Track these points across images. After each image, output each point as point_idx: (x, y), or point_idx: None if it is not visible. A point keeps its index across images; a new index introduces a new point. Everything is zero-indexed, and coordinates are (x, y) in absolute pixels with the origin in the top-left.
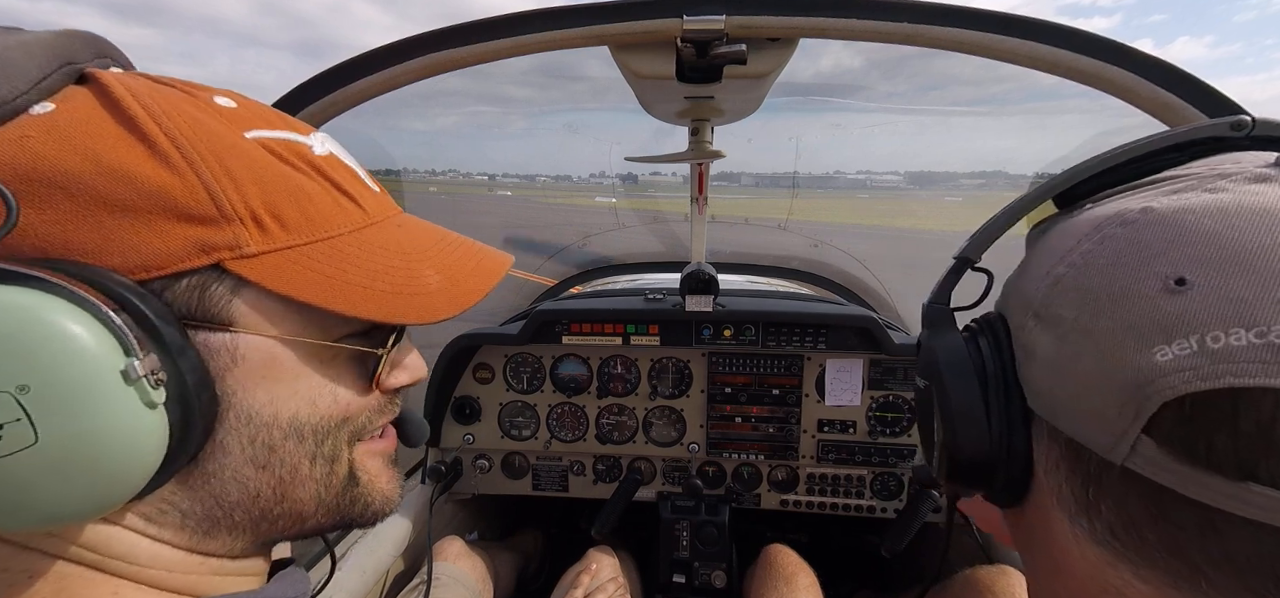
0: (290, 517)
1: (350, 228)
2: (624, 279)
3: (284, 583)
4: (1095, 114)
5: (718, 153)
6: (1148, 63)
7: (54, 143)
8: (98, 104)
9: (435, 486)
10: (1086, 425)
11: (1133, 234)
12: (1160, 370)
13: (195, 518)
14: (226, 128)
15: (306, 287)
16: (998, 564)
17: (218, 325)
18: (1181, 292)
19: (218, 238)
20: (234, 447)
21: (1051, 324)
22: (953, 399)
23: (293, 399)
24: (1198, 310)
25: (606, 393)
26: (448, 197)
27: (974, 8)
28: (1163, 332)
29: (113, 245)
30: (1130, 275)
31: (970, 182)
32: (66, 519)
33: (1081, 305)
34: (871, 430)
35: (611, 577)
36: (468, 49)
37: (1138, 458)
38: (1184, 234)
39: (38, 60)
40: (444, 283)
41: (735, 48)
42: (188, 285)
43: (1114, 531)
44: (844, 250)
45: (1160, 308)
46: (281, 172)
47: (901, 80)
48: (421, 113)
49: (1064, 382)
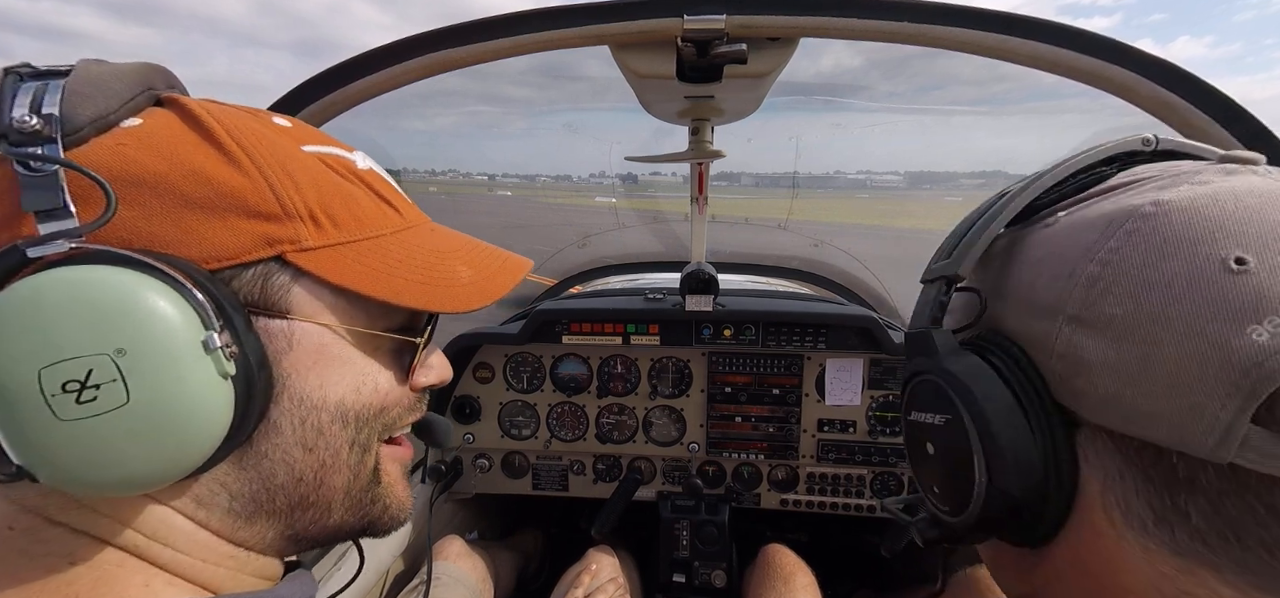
0: (321, 506)
1: (391, 229)
2: (624, 279)
3: (294, 584)
4: (1095, 114)
5: (718, 153)
6: (1148, 62)
7: (144, 150)
8: (178, 119)
9: (435, 485)
10: (1178, 424)
11: (1163, 225)
12: (1266, 351)
13: (242, 501)
14: (287, 140)
15: (356, 277)
16: None
17: (277, 313)
18: (1245, 270)
19: (280, 233)
20: (286, 427)
21: (1100, 326)
22: (995, 429)
23: (340, 385)
24: (1271, 286)
25: (606, 393)
26: (448, 196)
27: (974, 8)
28: (1249, 312)
29: (190, 238)
30: (1185, 261)
31: (970, 181)
32: (140, 484)
33: (1137, 299)
34: (871, 430)
35: (611, 577)
36: (468, 49)
37: (1249, 451)
38: (1217, 218)
39: (128, 84)
40: (474, 277)
41: (735, 47)
42: (253, 275)
43: (1204, 537)
44: (844, 250)
45: (1230, 288)
46: (333, 179)
47: (902, 80)
48: (421, 113)
49: (1140, 382)
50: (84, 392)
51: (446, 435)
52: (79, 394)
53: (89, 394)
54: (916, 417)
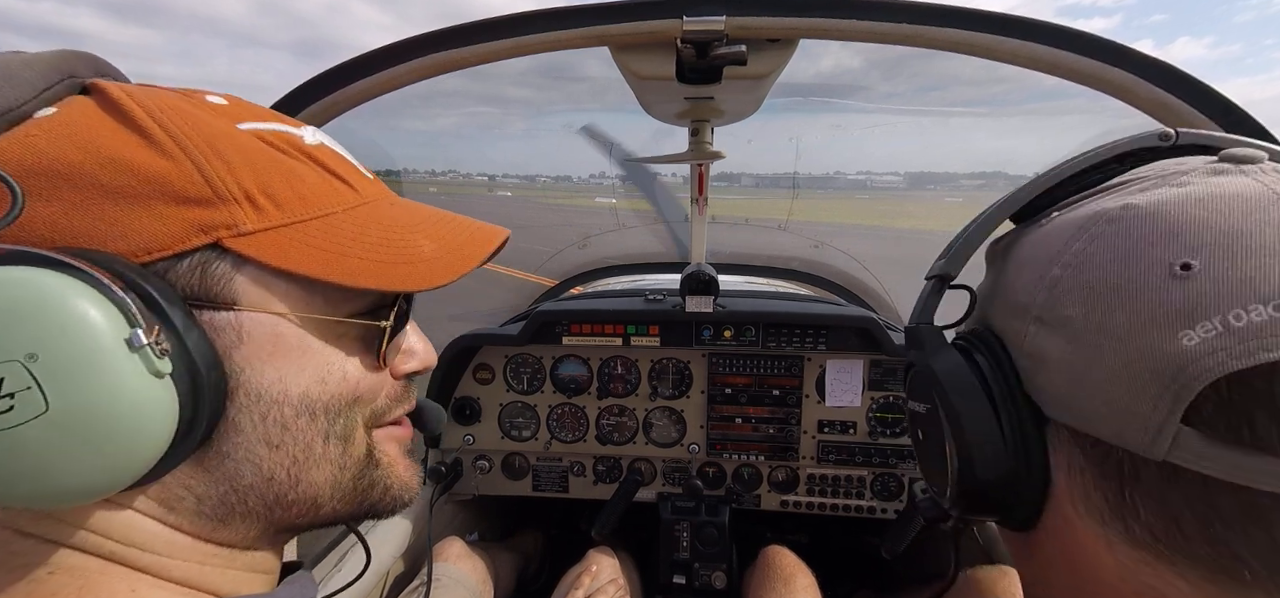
0: (305, 502)
1: (343, 207)
2: (624, 280)
3: (294, 587)
4: (1095, 114)
5: (718, 153)
6: (1147, 64)
7: (56, 139)
8: (96, 106)
9: (435, 486)
10: (1119, 424)
11: (1124, 229)
12: (1192, 356)
13: (210, 503)
14: (219, 119)
15: (303, 260)
16: (999, 565)
17: (221, 304)
18: (1188, 276)
19: (214, 218)
20: (246, 425)
21: (1059, 326)
22: (964, 420)
23: (301, 376)
24: (1211, 292)
25: (607, 394)
26: (448, 197)
27: (974, 8)
28: (1183, 317)
29: (115, 231)
30: (1133, 266)
31: (970, 182)
32: (80, 495)
33: (1090, 302)
34: (872, 431)
35: (612, 578)
36: (468, 49)
37: (1180, 450)
38: (1174, 223)
39: (41, 73)
40: (439, 251)
41: (735, 48)
42: (189, 266)
43: (1154, 531)
44: (844, 251)
45: (1172, 294)
46: (273, 156)
47: (901, 80)
48: (421, 113)
49: (1087, 382)
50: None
51: (438, 421)
52: None
53: (4, 403)
54: (911, 405)
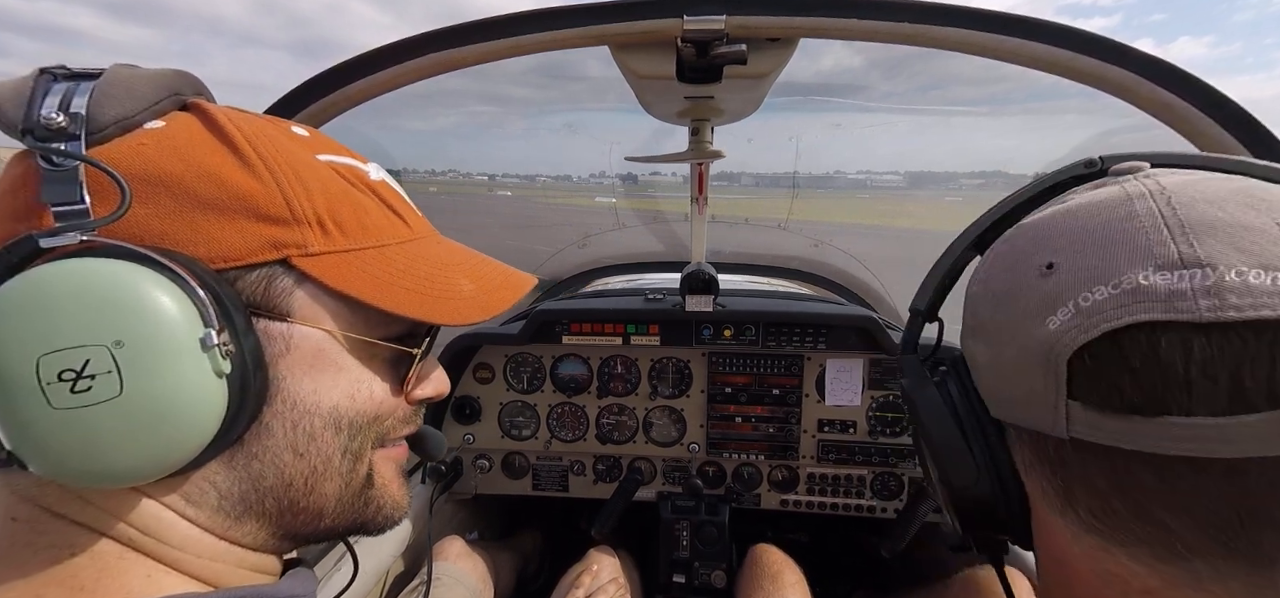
0: (312, 512)
1: (398, 240)
2: (624, 279)
3: (295, 581)
4: (1095, 114)
5: (718, 153)
6: (1148, 62)
7: (163, 150)
8: (199, 124)
9: (435, 486)
10: (1030, 410)
11: (1010, 244)
12: (1054, 336)
13: (231, 501)
14: (302, 148)
15: (359, 285)
16: None
17: (278, 315)
18: (1052, 273)
19: (287, 237)
20: (278, 430)
21: (980, 333)
22: (934, 438)
23: (334, 391)
24: (1067, 282)
25: (607, 393)
26: (448, 197)
27: (974, 8)
28: (1048, 305)
29: (199, 237)
30: (1014, 273)
31: (970, 181)
32: (124, 477)
33: (992, 307)
34: (872, 430)
35: (612, 577)
36: (468, 49)
37: (1076, 424)
38: (1045, 233)
39: (154, 88)
40: (476, 291)
41: (735, 48)
42: (257, 277)
43: (1093, 512)
44: (844, 250)
45: (1040, 289)
46: (344, 187)
47: (901, 80)
48: (421, 113)
49: (1000, 375)
50: (79, 381)
51: (438, 448)
52: (74, 384)
53: (84, 384)
54: (911, 428)
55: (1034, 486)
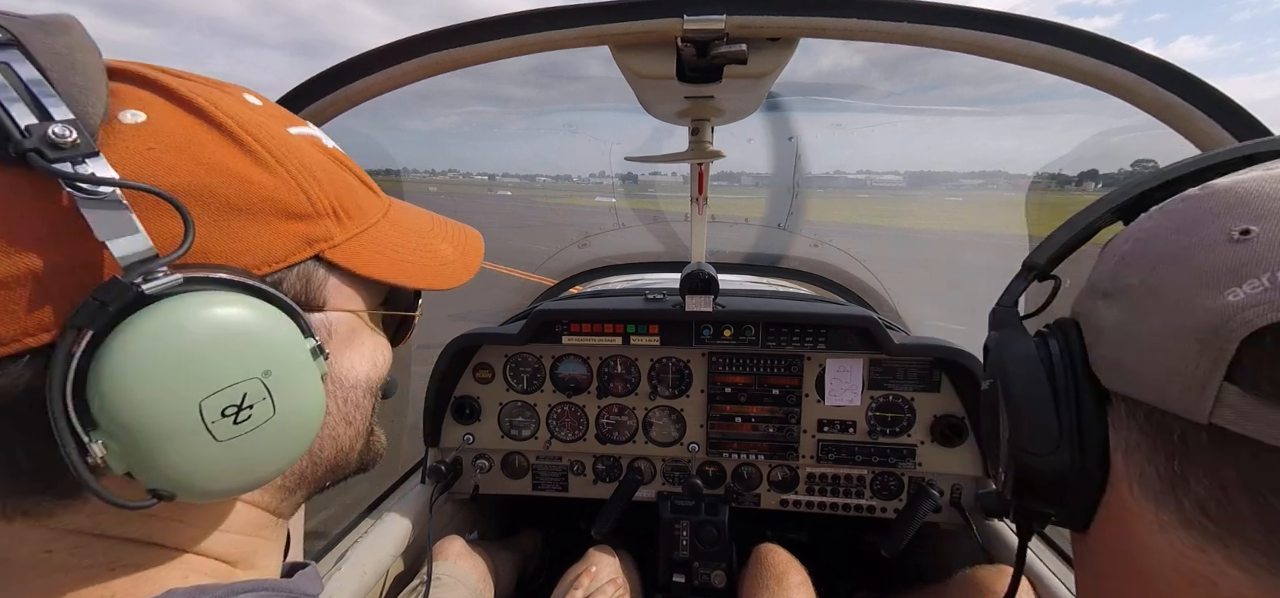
0: (346, 468)
1: (380, 214)
2: (624, 279)
3: (305, 580)
4: (1096, 114)
5: (718, 153)
6: (1148, 62)
7: (181, 157)
8: (180, 110)
9: (435, 485)
10: (1165, 386)
11: (1194, 203)
12: (1234, 309)
13: (292, 477)
14: (278, 124)
15: (376, 266)
16: (997, 564)
17: (316, 307)
18: (1246, 240)
19: (315, 232)
20: (333, 408)
21: (1118, 296)
22: (1016, 395)
23: (363, 362)
24: (1265, 253)
25: (606, 393)
26: (448, 196)
27: (974, 8)
28: (1232, 275)
29: (241, 246)
30: (1194, 234)
31: (970, 181)
32: (268, 481)
33: (1148, 269)
34: (871, 430)
35: (611, 577)
36: (468, 49)
37: (1224, 410)
38: (1243, 197)
39: (94, 58)
40: (455, 253)
41: (735, 48)
42: (296, 276)
43: (1205, 507)
44: (844, 250)
45: (1227, 256)
46: (333, 169)
47: (901, 80)
48: (421, 113)
49: (1135, 344)
50: (241, 414)
51: (393, 388)
52: (236, 417)
53: (245, 414)
54: (983, 384)
55: (1129, 469)
